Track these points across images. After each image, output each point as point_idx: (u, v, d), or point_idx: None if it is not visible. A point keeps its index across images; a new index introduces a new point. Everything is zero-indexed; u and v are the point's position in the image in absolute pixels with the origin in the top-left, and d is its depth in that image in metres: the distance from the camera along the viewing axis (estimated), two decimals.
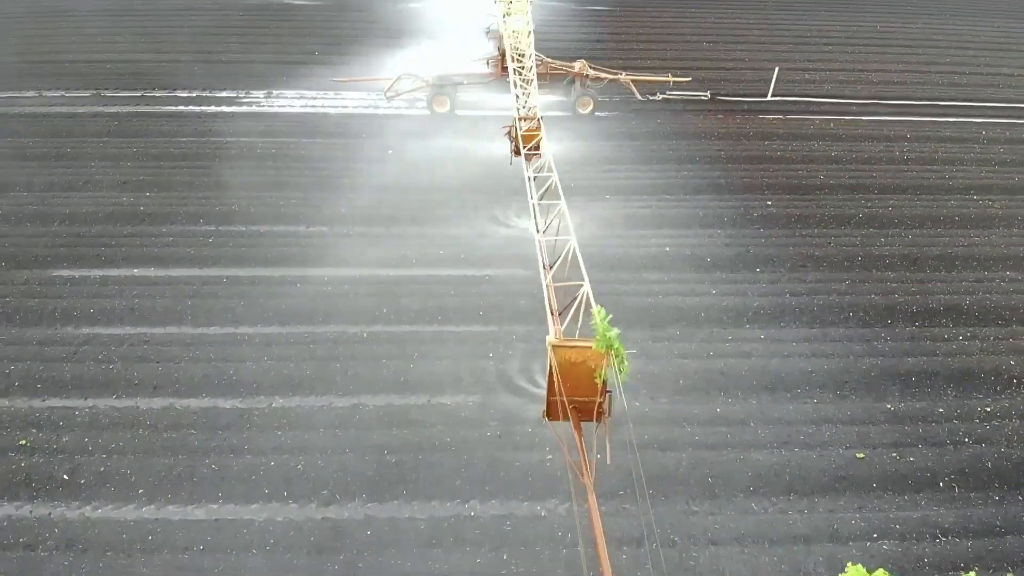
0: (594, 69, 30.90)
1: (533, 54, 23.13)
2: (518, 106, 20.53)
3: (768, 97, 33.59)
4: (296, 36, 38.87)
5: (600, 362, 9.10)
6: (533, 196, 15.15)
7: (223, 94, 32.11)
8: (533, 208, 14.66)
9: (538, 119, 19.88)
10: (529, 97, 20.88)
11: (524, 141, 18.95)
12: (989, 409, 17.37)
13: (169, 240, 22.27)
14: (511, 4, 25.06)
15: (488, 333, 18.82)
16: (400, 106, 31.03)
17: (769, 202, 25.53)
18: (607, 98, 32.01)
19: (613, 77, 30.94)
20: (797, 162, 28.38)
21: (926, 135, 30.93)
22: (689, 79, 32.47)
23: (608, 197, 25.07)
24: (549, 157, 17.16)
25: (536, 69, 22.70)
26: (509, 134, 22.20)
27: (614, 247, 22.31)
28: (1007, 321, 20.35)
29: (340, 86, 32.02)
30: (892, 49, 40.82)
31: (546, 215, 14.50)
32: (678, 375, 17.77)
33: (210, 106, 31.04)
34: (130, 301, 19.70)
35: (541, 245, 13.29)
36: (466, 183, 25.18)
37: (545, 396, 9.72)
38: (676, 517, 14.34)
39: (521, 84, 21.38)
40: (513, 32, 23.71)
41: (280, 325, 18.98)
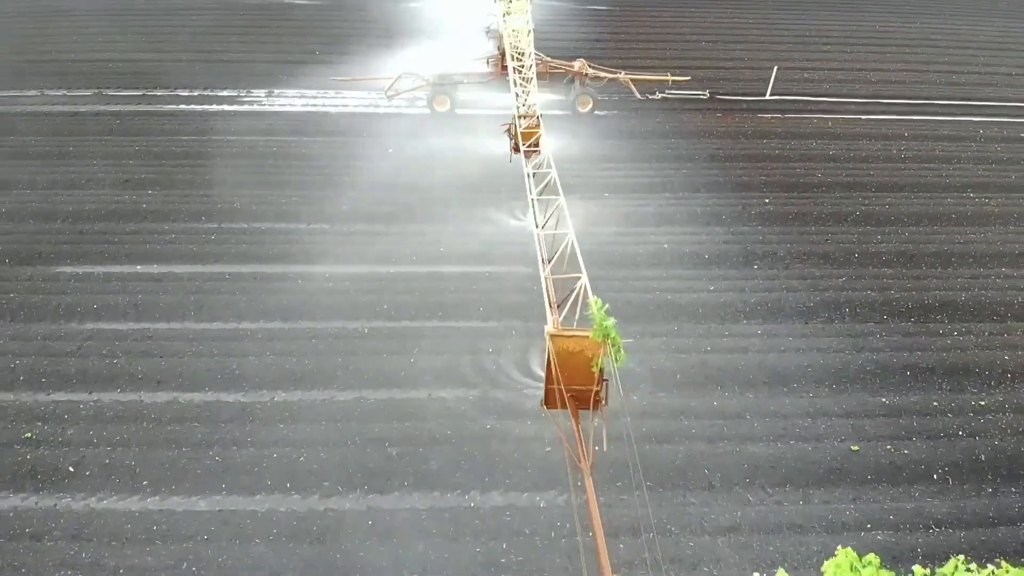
0: (593, 68, 31.04)
1: (533, 53, 23.26)
2: (518, 104, 20.72)
3: (767, 96, 33.76)
4: (297, 35, 39.04)
5: (597, 351, 9.33)
6: (532, 191, 15.35)
7: (224, 93, 32.28)
8: (532, 203, 14.86)
9: (537, 116, 20.08)
10: (529, 96, 21.05)
11: (523, 138, 19.17)
12: (983, 403, 17.58)
13: (171, 237, 22.46)
14: (511, 3, 25.17)
15: (488, 328, 19.02)
16: (400, 105, 31.19)
17: (767, 200, 25.72)
18: (606, 97, 32.18)
19: (612, 76, 31.10)
20: (795, 160, 28.55)
21: (924, 134, 31.11)
22: (688, 78, 32.61)
23: (607, 195, 25.26)
24: (548, 154, 17.37)
25: (536, 68, 22.85)
26: (509, 131, 22.39)
27: (613, 244, 22.50)
28: (1002, 317, 20.56)
29: (341, 85, 32.17)
30: (891, 48, 40.97)
31: (545, 210, 14.72)
32: (676, 370, 17.98)
33: (211, 105, 31.22)
34: (133, 297, 19.90)
35: (540, 239, 13.49)
36: (466, 181, 25.35)
37: (544, 386, 9.93)
38: (673, 508, 14.57)
39: (521, 83, 21.55)
40: (513, 31, 23.83)
41: (282, 321, 19.19)
